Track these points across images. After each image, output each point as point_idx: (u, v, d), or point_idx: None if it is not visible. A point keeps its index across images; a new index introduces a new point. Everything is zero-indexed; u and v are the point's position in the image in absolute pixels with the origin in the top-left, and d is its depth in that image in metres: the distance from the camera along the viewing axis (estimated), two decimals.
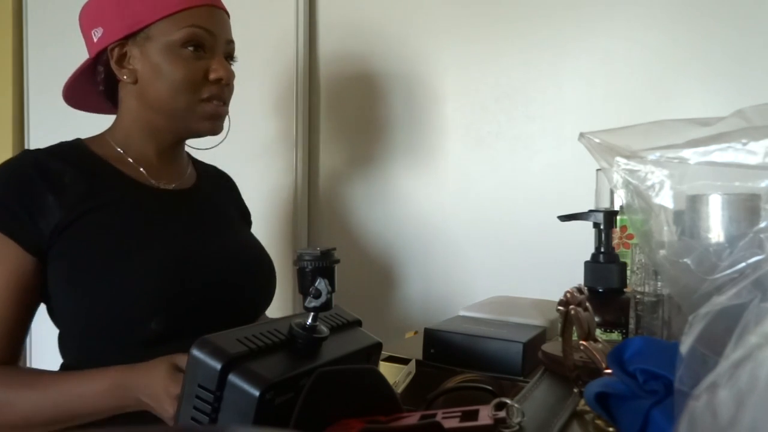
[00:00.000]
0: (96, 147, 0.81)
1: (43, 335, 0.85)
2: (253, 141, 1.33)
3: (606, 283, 0.69)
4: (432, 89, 1.23)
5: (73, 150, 0.80)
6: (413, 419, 0.41)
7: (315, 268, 0.45)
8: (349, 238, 1.31)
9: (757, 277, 0.33)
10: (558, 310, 0.53)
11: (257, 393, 0.38)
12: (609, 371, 0.43)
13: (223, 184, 0.98)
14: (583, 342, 0.49)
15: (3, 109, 1.61)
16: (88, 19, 0.81)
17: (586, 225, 0.72)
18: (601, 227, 0.70)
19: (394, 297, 1.27)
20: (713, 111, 0.47)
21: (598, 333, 0.61)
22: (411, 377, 0.67)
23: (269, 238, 1.23)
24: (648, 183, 0.48)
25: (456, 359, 0.69)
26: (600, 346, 0.50)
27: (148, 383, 0.64)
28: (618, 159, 0.49)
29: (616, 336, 0.67)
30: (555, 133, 1.12)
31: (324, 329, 0.47)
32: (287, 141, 1.31)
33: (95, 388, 0.66)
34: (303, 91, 1.31)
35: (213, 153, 0.92)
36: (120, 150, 0.81)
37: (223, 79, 0.80)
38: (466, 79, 1.20)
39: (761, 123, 0.44)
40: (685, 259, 0.45)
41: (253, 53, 1.20)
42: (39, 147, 0.78)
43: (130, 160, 0.81)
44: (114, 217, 0.76)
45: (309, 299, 0.45)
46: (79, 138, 0.82)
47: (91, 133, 0.83)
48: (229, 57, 0.85)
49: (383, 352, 0.60)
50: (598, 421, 0.46)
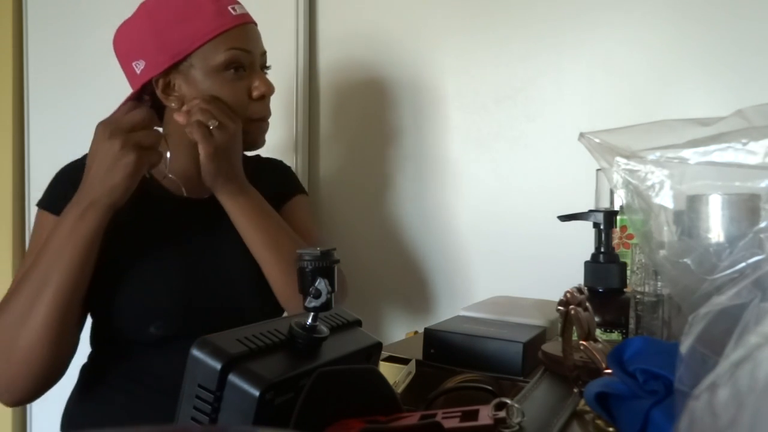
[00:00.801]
0: None
1: None
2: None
3: (606, 283, 0.69)
4: (432, 90, 1.23)
5: None
6: (413, 419, 0.41)
7: (315, 268, 0.45)
8: (349, 238, 1.31)
9: (757, 277, 0.33)
10: (558, 310, 0.53)
11: (257, 393, 0.38)
12: (609, 371, 0.43)
13: (264, 176, 0.97)
14: (583, 342, 0.49)
15: (3, 109, 1.61)
16: (126, 51, 0.82)
17: (586, 225, 0.72)
18: (601, 227, 0.70)
19: (394, 297, 1.27)
20: (713, 111, 0.47)
21: (598, 333, 0.61)
22: (411, 377, 0.67)
23: None
24: (648, 183, 0.48)
25: (456, 359, 0.69)
26: (600, 346, 0.50)
27: (92, 166, 0.71)
28: (618, 159, 0.49)
29: (616, 336, 0.67)
30: (555, 133, 1.12)
31: (324, 329, 0.47)
32: (288, 143, 1.31)
33: (60, 221, 0.72)
34: (303, 95, 1.31)
35: None
36: (163, 165, 0.82)
37: (266, 95, 0.84)
38: (466, 80, 1.20)
39: (761, 123, 0.44)
40: (685, 259, 0.45)
41: None
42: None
43: (171, 175, 0.85)
44: (137, 227, 0.81)
45: (309, 299, 0.45)
46: None
47: (91, 134, 0.83)
48: (264, 66, 0.87)
49: (383, 352, 0.60)
50: (598, 421, 0.46)
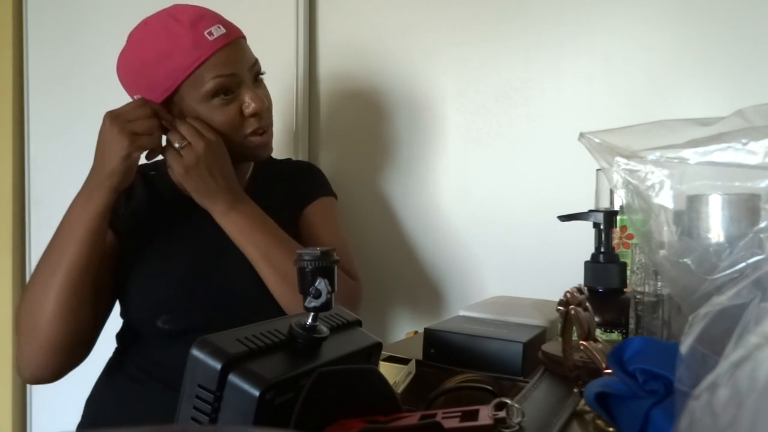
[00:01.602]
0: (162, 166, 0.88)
1: None
2: None
3: (606, 283, 0.69)
4: (432, 90, 1.23)
5: (149, 168, 0.91)
6: (413, 419, 0.41)
7: (315, 268, 0.45)
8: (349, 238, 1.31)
9: (757, 277, 0.33)
10: (558, 310, 0.53)
11: (257, 393, 0.38)
12: (609, 371, 0.43)
13: (287, 179, 0.99)
14: (583, 342, 0.49)
15: (3, 109, 1.61)
16: (126, 83, 0.85)
17: (586, 225, 0.72)
18: (601, 227, 0.70)
19: (394, 297, 1.27)
20: (713, 111, 0.47)
21: (598, 333, 0.61)
22: (411, 377, 0.67)
23: None
24: (648, 183, 0.48)
25: (456, 359, 0.69)
26: (600, 346, 0.50)
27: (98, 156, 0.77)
28: (618, 159, 0.49)
29: (616, 336, 0.67)
30: (555, 133, 1.12)
31: (324, 329, 0.47)
32: (287, 148, 1.31)
33: (71, 205, 0.78)
34: (303, 101, 1.31)
35: None
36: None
37: (258, 111, 0.84)
38: (466, 80, 1.20)
39: (761, 123, 0.44)
40: (685, 259, 0.45)
41: None
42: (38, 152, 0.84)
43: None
44: (148, 225, 0.87)
45: (309, 299, 0.45)
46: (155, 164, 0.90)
47: (91, 134, 0.83)
48: (257, 75, 0.87)
49: (383, 352, 0.60)
50: (598, 421, 0.46)
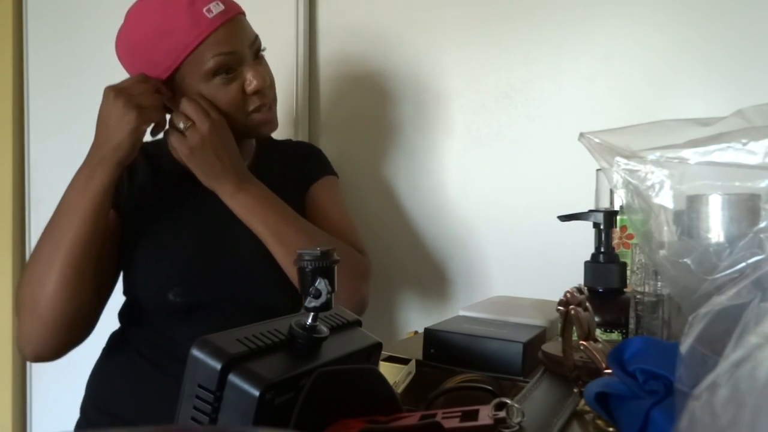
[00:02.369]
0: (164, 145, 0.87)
1: None
2: None
3: (606, 283, 0.69)
4: (432, 90, 1.23)
5: (152, 145, 0.90)
6: (413, 419, 0.41)
7: (315, 268, 0.45)
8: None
9: (757, 277, 0.33)
10: (558, 310, 0.53)
11: (257, 393, 0.38)
12: (609, 371, 0.43)
13: (289, 161, 0.99)
14: (583, 342, 0.49)
15: (3, 109, 1.61)
16: (127, 61, 0.84)
17: (586, 225, 0.72)
18: (601, 227, 0.70)
19: (394, 297, 1.27)
20: (713, 111, 0.47)
21: (598, 333, 0.61)
22: (411, 377, 0.67)
23: None
24: (648, 183, 0.48)
25: (456, 359, 0.69)
26: (600, 346, 0.50)
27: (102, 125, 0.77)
28: (618, 159, 0.49)
29: (616, 336, 0.67)
30: (555, 133, 1.12)
31: (324, 329, 0.47)
32: (287, 126, 1.31)
33: (72, 181, 0.78)
34: (303, 87, 1.31)
35: None
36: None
37: (260, 88, 0.83)
38: (466, 80, 1.20)
39: (761, 123, 0.44)
40: (685, 259, 0.45)
41: None
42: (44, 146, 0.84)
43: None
44: (156, 202, 0.87)
45: (309, 299, 0.45)
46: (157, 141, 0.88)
47: (91, 134, 0.83)
48: (258, 52, 0.86)
49: (383, 352, 0.59)
50: (598, 421, 0.46)
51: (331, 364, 0.45)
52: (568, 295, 0.53)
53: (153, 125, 0.80)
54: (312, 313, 0.45)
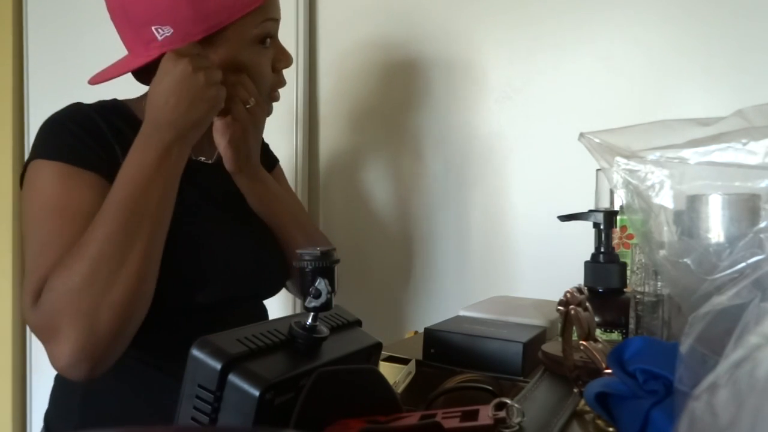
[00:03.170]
0: (140, 113, 0.76)
1: None
2: None
3: (606, 283, 0.69)
4: (431, 89, 1.23)
5: (122, 110, 0.77)
6: (413, 419, 0.41)
7: (315, 268, 0.45)
8: (348, 238, 1.31)
9: (757, 277, 0.33)
10: (558, 310, 0.53)
11: (257, 393, 0.38)
12: (609, 371, 0.43)
13: None
14: (583, 342, 0.49)
15: (3, 109, 1.61)
16: (147, 14, 0.71)
17: (586, 225, 0.72)
18: (601, 227, 0.70)
19: (394, 297, 1.27)
20: (713, 111, 0.47)
21: (598, 333, 0.61)
22: (411, 377, 0.67)
23: None
24: (648, 183, 0.48)
25: (456, 359, 0.69)
26: (600, 346, 0.50)
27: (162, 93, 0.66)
28: (618, 159, 0.49)
29: (616, 336, 0.67)
30: (555, 133, 1.12)
31: (324, 329, 0.47)
32: (287, 131, 1.31)
33: (139, 161, 0.65)
34: (303, 74, 1.31)
35: None
36: None
37: (289, 65, 0.81)
38: (465, 80, 1.20)
39: (761, 123, 0.44)
40: (685, 259, 0.45)
41: None
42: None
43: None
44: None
45: (309, 299, 0.45)
46: (116, 98, 0.79)
47: None
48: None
49: (383, 352, 0.59)
50: (598, 421, 0.46)
51: (331, 364, 0.45)
52: (568, 295, 0.53)
53: None
54: (312, 313, 0.45)
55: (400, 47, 1.26)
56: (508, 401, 0.42)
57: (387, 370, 0.68)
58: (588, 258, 0.71)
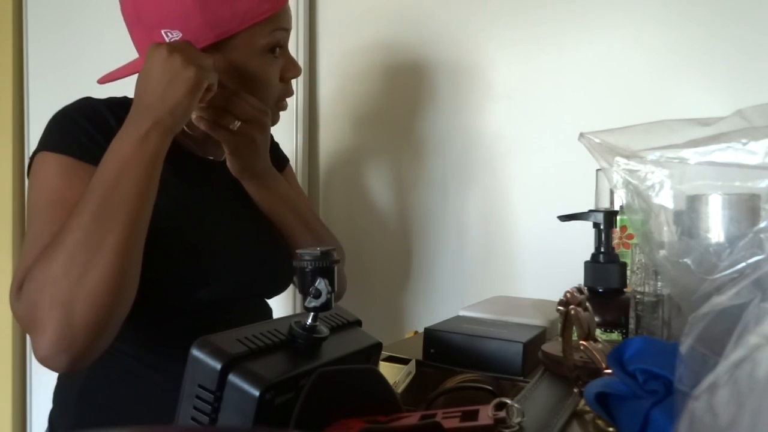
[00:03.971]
0: None
1: None
2: None
3: (606, 283, 0.69)
4: (431, 90, 1.23)
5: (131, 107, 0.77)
6: (413, 419, 0.41)
7: (315, 268, 0.45)
8: (348, 239, 1.31)
9: (757, 277, 0.33)
10: (558, 310, 0.53)
11: (257, 393, 0.38)
12: (609, 371, 0.43)
13: None
14: (583, 342, 0.49)
15: (3, 108, 1.61)
16: (158, 17, 0.71)
17: (586, 225, 0.72)
18: (601, 227, 0.70)
19: (394, 297, 1.27)
20: (713, 111, 0.47)
21: (598, 333, 0.61)
22: (411, 377, 0.67)
23: None
24: (648, 183, 0.48)
25: (456, 359, 0.69)
26: (600, 346, 0.50)
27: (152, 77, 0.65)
28: (618, 159, 0.49)
29: (616, 336, 0.67)
30: (555, 133, 1.12)
31: (324, 329, 0.47)
32: (287, 132, 1.31)
33: (117, 147, 0.63)
34: (303, 84, 1.31)
35: None
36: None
37: (297, 76, 0.81)
38: (465, 80, 1.20)
39: (761, 123, 0.44)
40: (685, 259, 0.45)
41: None
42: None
43: (189, 131, 0.79)
44: (167, 183, 0.72)
45: (309, 299, 0.45)
46: (127, 96, 0.78)
47: None
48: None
49: (383, 352, 0.60)
50: (598, 421, 0.46)
51: (331, 364, 0.45)
52: (568, 295, 0.53)
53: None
54: (312, 313, 0.45)
55: (400, 48, 1.26)
56: (508, 401, 0.42)
57: (387, 370, 0.68)
58: (588, 258, 0.71)
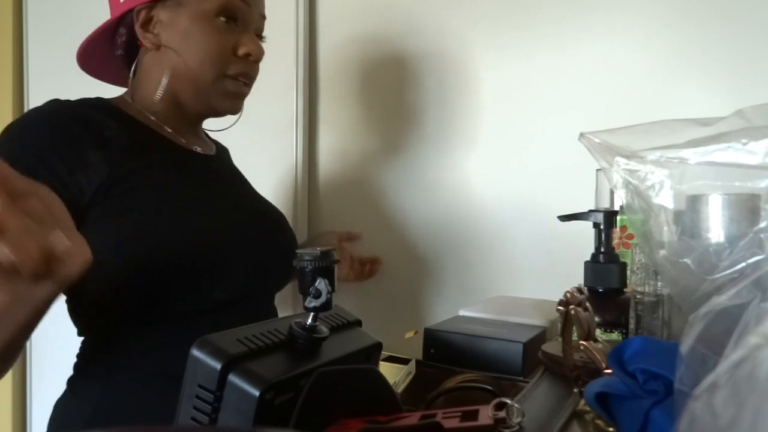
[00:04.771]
0: (123, 106, 0.76)
1: (44, 332, 0.85)
2: (251, 125, 1.31)
3: (606, 283, 0.69)
4: (431, 89, 1.23)
5: (106, 105, 0.75)
6: (413, 419, 0.41)
7: (315, 268, 0.45)
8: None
9: (757, 277, 0.33)
10: (558, 310, 0.53)
11: (257, 393, 0.38)
12: (609, 371, 0.43)
13: (224, 150, 0.98)
14: (583, 342, 0.49)
15: (3, 109, 1.61)
16: None
17: (586, 225, 0.72)
18: (601, 227, 0.70)
19: (394, 297, 1.27)
20: (713, 111, 0.47)
21: (598, 333, 0.61)
22: (411, 377, 0.67)
23: None
24: (648, 183, 0.48)
25: (456, 359, 0.69)
26: (600, 346, 0.50)
27: None
28: (618, 159, 0.49)
29: (616, 336, 0.67)
30: (555, 133, 1.12)
31: (324, 329, 0.47)
32: (287, 132, 1.31)
33: None
34: (302, 72, 1.30)
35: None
36: (147, 113, 0.78)
37: (252, 56, 0.78)
38: (465, 80, 1.20)
39: (761, 123, 0.44)
40: (685, 259, 0.45)
41: None
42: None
43: (157, 121, 0.78)
44: (160, 178, 0.71)
45: (309, 299, 0.45)
46: (100, 97, 0.77)
47: None
48: (259, 33, 0.82)
49: (383, 352, 0.60)
50: (598, 421, 0.46)
51: (331, 364, 0.45)
52: (568, 295, 0.53)
53: None
54: (312, 313, 0.45)
55: (400, 48, 1.25)
56: (508, 401, 0.42)
57: (387, 370, 0.68)
58: (588, 258, 0.71)
